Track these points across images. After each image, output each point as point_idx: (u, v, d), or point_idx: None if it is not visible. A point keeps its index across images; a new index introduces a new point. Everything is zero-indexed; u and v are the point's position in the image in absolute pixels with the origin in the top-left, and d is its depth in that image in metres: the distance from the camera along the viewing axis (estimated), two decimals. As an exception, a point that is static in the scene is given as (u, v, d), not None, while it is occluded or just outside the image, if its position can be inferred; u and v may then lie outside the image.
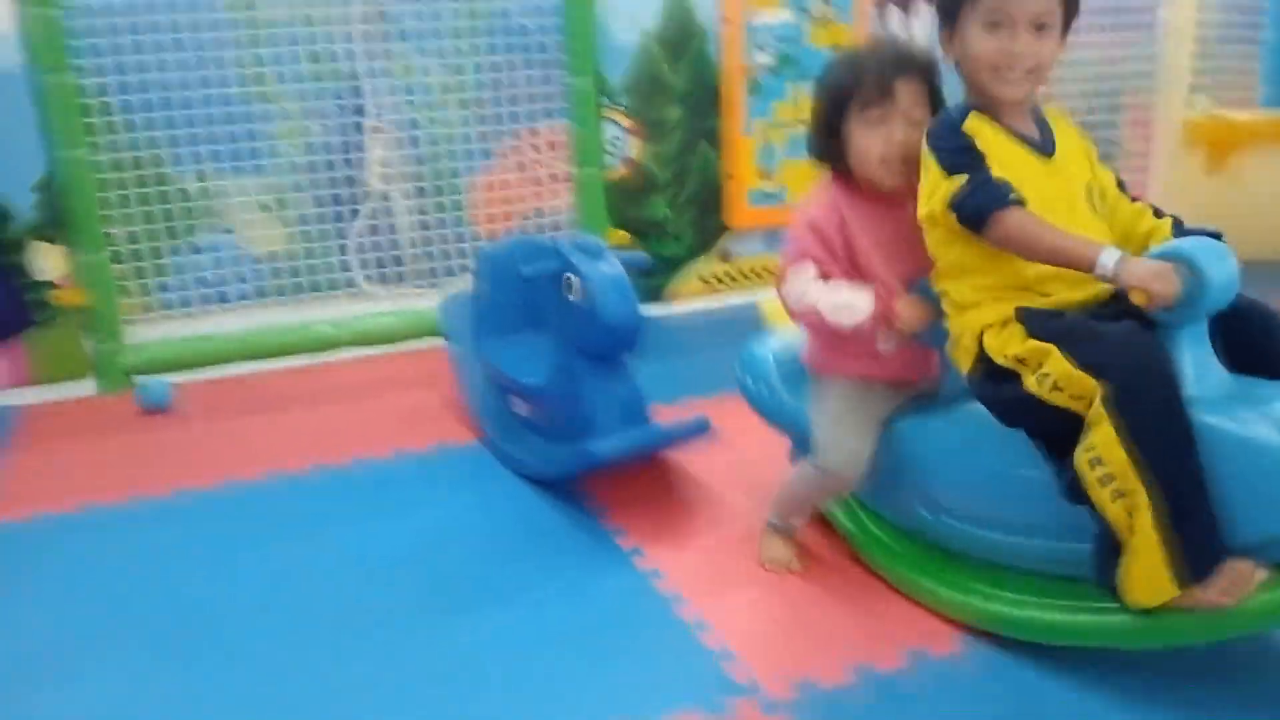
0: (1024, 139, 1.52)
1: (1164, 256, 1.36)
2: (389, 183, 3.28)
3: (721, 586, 1.78)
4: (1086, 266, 1.39)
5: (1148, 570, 1.35)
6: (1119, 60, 3.93)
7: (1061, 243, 1.42)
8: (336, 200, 3.24)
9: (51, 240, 2.73)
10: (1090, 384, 1.36)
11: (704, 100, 3.16)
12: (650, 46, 3.06)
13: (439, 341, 2.75)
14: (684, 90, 3.14)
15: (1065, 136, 1.57)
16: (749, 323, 1.97)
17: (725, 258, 3.33)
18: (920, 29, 3.30)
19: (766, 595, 1.74)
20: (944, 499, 1.69)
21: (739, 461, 2.19)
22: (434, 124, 3.29)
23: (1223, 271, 1.33)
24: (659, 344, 2.98)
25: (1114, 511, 1.36)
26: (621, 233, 3.14)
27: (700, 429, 2.06)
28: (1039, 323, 1.46)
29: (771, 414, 1.93)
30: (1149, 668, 1.49)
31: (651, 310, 3.15)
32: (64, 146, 2.66)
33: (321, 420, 2.59)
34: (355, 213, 3.25)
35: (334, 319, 2.98)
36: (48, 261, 2.75)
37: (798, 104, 3.23)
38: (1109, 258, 1.37)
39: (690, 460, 2.22)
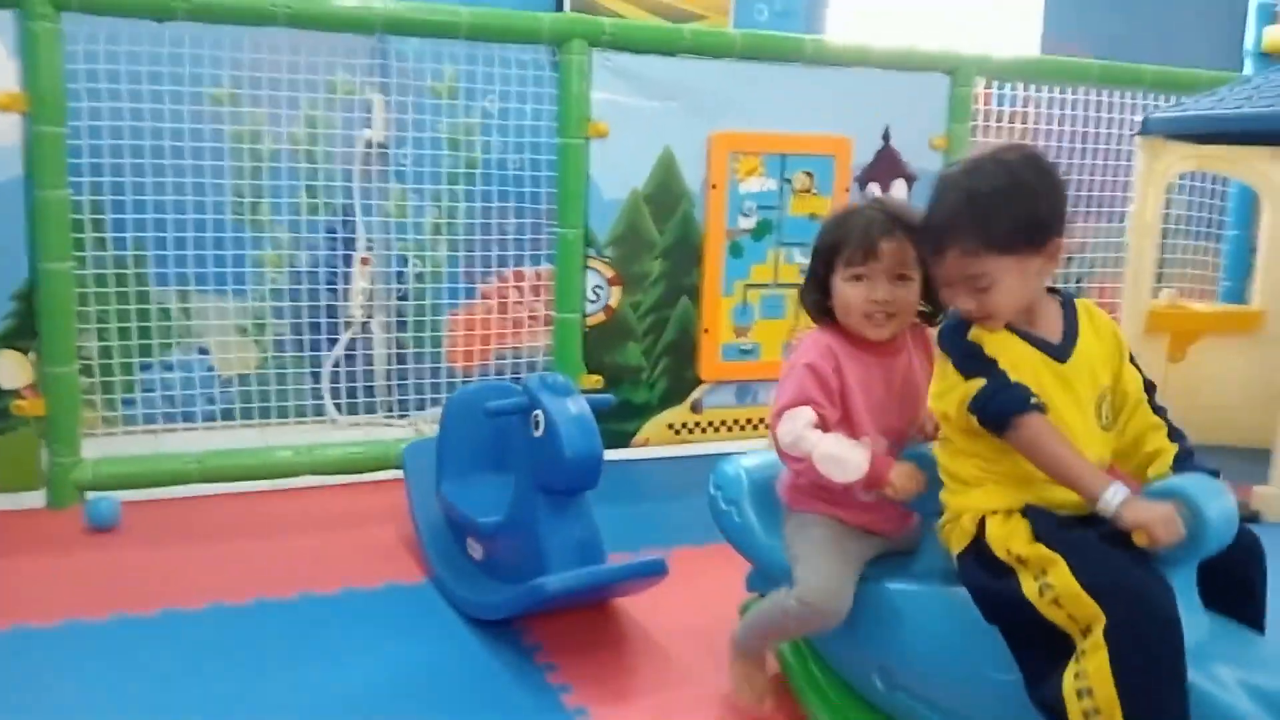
0: (1036, 342, 1.49)
1: (1164, 495, 1.35)
2: (370, 314, 3.32)
3: (665, 754, 1.71)
4: (1089, 498, 1.38)
5: None
6: (1090, 247, 4.08)
7: (1071, 466, 1.40)
8: (315, 328, 3.27)
9: (23, 350, 2.72)
10: (1092, 608, 1.32)
11: (686, 257, 3.24)
12: (638, 204, 3.16)
13: (401, 474, 2.72)
14: (667, 247, 3.22)
15: (1090, 337, 1.52)
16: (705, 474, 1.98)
17: (695, 408, 3.35)
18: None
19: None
20: (903, 676, 1.65)
21: (691, 616, 2.14)
22: (421, 261, 3.36)
23: (1222, 513, 1.33)
24: (623, 490, 2.98)
25: None
26: (595, 377, 3.16)
27: (655, 570, 2.02)
28: (1048, 529, 1.42)
29: (738, 537, 1.89)
30: None
31: (619, 455, 3.16)
32: (48, 259, 2.68)
33: (272, 550, 2.53)
34: (332, 341, 3.27)
35: (295, 445, 2.95)
36: (14, 370, 2.73)
37: (776, 267, 3.32)
38: (1113, 497, 1.35)
39: (644, 612, 2.18)
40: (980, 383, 1.44)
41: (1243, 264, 4.12)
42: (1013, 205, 1.43)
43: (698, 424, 3.37)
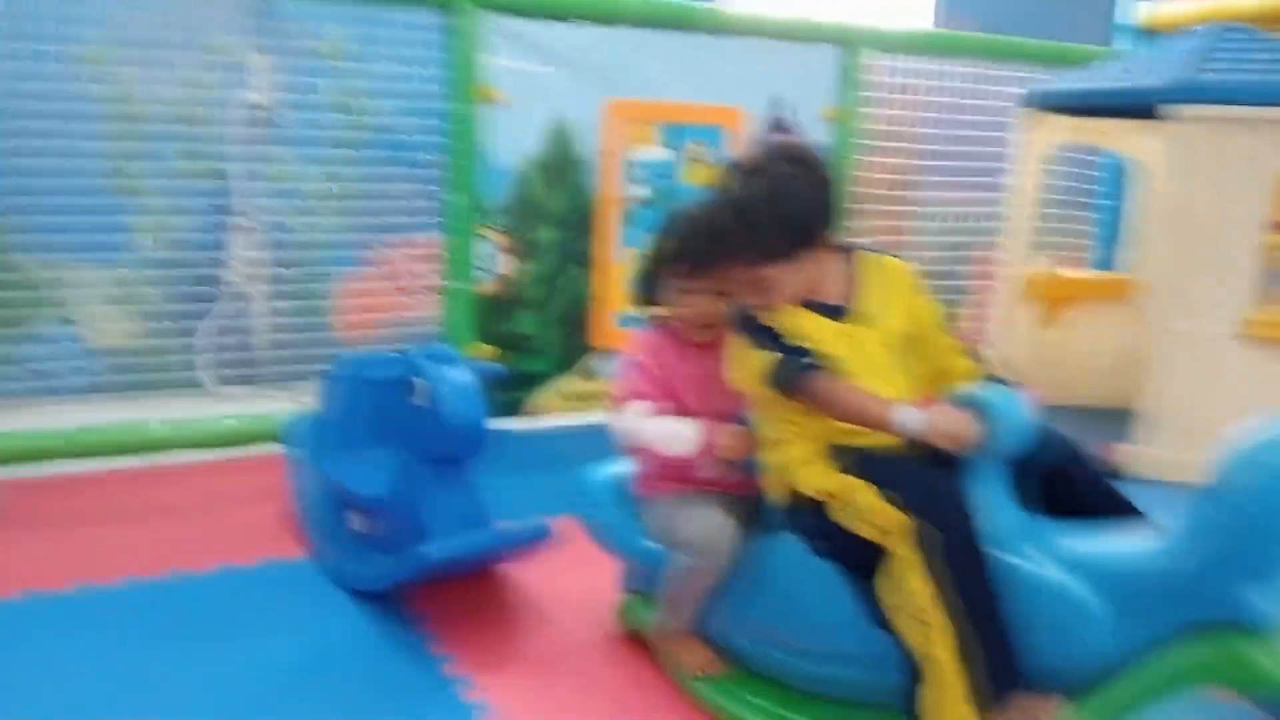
0: (820, 308, 1.64)
1: (961, 403, 1.47)
2: (251, 282, 3.22)
3: (550, 717, 1.72)
4: (886, 426, 1.51)
5: (947, 699, 1.41)
6: (968, 216, 4.20)
7: (862, 406, 1.54)
8: (191, 297, 3.16)
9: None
10: (895, 517, 1.44)
11: (579, 225, 3.22)
12: (530, 171, 3.12)
13: (281, 448, 2.65)
14: (560, 215, 3.20)
15: (877, 288, 1.66)
16: (607, 441, 1.99)
17: (588, 376, 3.35)
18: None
19: (591, 730, 1.70)
20: (762, 628, 1.73)
21: (579, 585, 2.15)
22: (305, 227, 3.27)
23: (1016, 415, 1.44)
24: (517, 459, 2.96)
25: (915, 639, 1.43)
26: (488, 346, 3.13)
27: (538, 535, 2.03)
28: (849, 460, 1.56)
29: (610, 539, 1.95)
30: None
31: (513, 425, 3.15)
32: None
33: (145, 528, 2.45)
34: (209, 310, 3.16)
35: (170, 419, 2.85)
36: None
37: (668, 235, 3.33)
38: (905, 416, 1.49)
39: (529, 579, 2.18)
40: (768, 356, 1.60)
41: (1114, 232, 4.29)
42: (781, 215, 1.57)
43: (591, 392, 3.37)
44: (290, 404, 2.94)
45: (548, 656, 1.93)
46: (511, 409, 3.17)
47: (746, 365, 1.66)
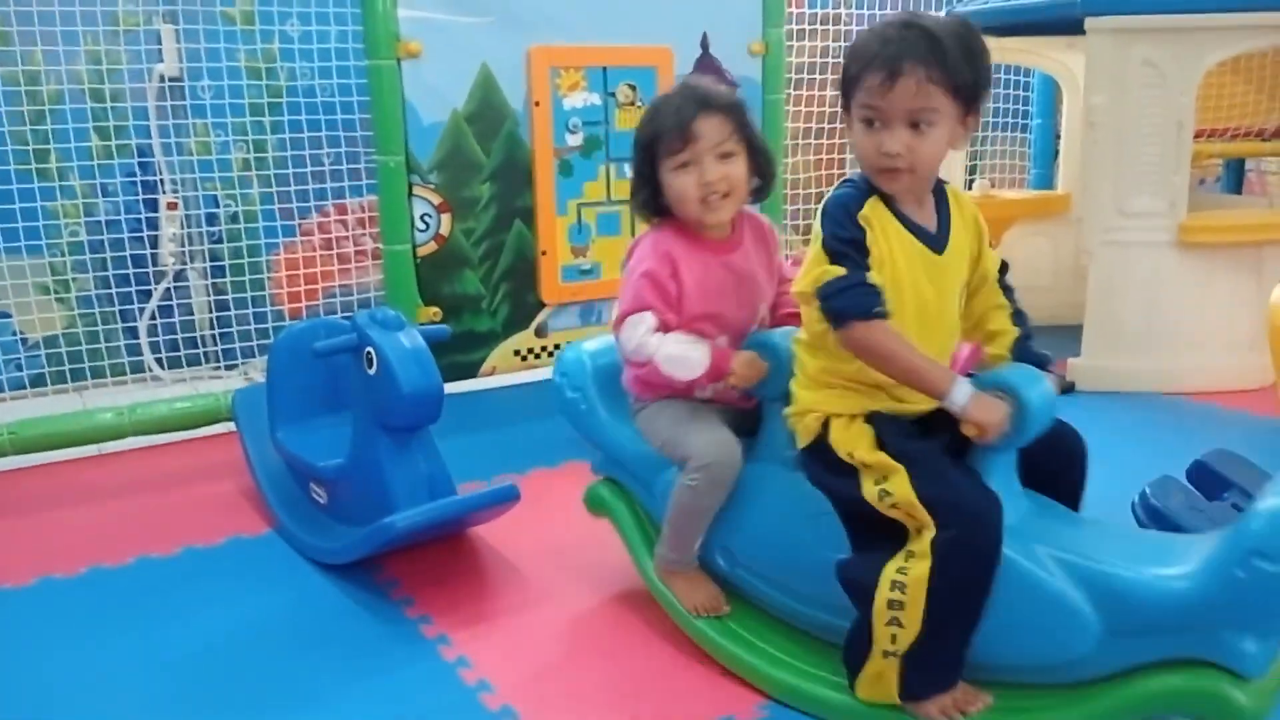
0: (919, 232, 1.47)
1: (989, 385, 1.42)
2: (184, 261, 3.13)
3: (529, 670, 1.72)
4: (937, 394, 1.41)
5: (878, 677, 1.44)
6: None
7: (916, 365, 1.42)
8: (125, 281, 3.07)
9: None
10: (925, 516, 1.38)
11: (516, 179, 3.17)
12: (459, 126, 3.05)
13: (234, 427, 2.60)
14: (495, 169, 3.14)
15: (960, 227, 1.52)
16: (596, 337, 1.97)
17: (540, 332, 3.33)
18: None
19: (575, 676, 1.70)
20: (744, 555, 1.73)
21: (549, 536, 2.16)
22: (234, 201, 3.19)
23: (1043, 405, 1.41)
24: (473, 420, 2.95)
25: (881, 630, 1.42)
26: (433, 308, 3.08)
27: (506, 497, 2.01)
28: (892, 438, 1.46)
29: (584, 423, 1.92)
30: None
31: (465, 386, 3.12)
32: None
33: (102, 517, 2.39)
34: (146, 293, 3.08)
35: (117, 406, 2.77)
36: None
37: (608, 184, 3.29)
38: (961, 393, 1.39)
39: (500, 537, 2.17)
40: (838, 271, 1.42)
41: (1048, 151, 4.35)
42: (967, 53, 1.40)
43: (544, 348, 3.35)
44: (239, 381, 2.88)
45: (523, 610, 1.93)
46: (464, 370, 3.14)
47: (813, 266, 1.46)
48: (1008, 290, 1.60)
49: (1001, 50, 3.72)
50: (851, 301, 1.42)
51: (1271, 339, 2.50)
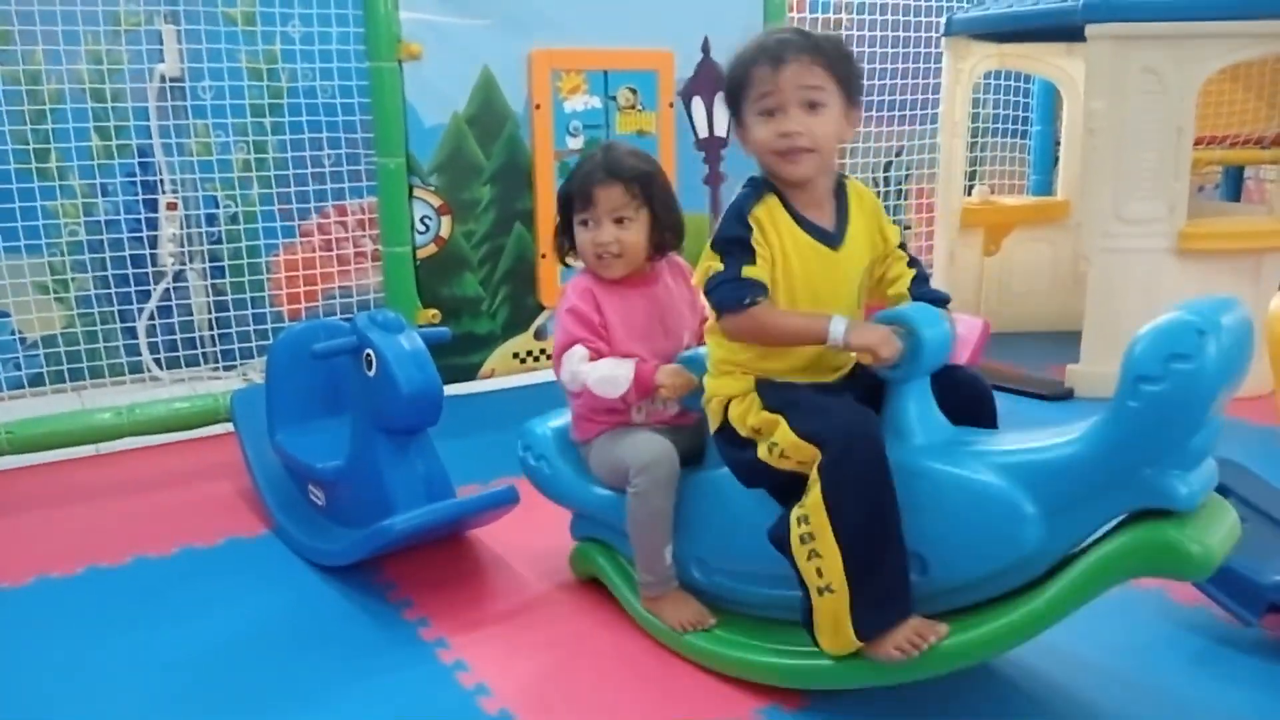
0: (813, 229, 1.58)
1: (886, 320, 1.51)
2: (184, 261, 3.13)
3: (526, 673, 1.72)
4: (820, 339, 1.51)
5: (833, 623, 1.47)
6: (905, 149, 4.23)
7: (795, 324, 1.54)
8: (124, 281, 3.07)
9: None
10: (812, 451, 1.46)
11: (516, 181, 3.17)
12: (460, 128, 3.06)
13: (233, 428, 2.60)
14: (495, 171, 3.14)
15: (857, 216, 1.63)
16: (562, 399, 1.99)
17: (539, 336, 3.33)
18: (722, 118, 3.44)
19: (570, 681, 1.70)
20: (716, 560, 1.77)
21: (548, 539, 2.15)
22: (234, 201, 3.18)
23: (937, 334, 1.48)
24: (473, 422, 2.95)
25: (806, 568, 1.47)
26: (432, 311, 3.08)
27: (505, 499, 2.01)
28: (772, 394, 1.57)
29: (552, 488, 1.98)
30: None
31: (465, 388, 3.12)
32: None
33: (100, 517, 2.39)
34: (145, 293, 3.08)
35: (115, 406, 2.77)
36: None
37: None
38: (838, 327, 1.49)
39: (498, 539, 2.17)
40: (719, 267, 1.55)
41: (1048, 157, 4.36)
42: (840, 52, 1.55)
43: (543, 351, 3.35)
44: (238, 382, 2.88)
45: (521, 612, 1.93)
46: (463, 373, 3.14)
47: (700, 268, 1.61)
48: (902, 247, 1.71)
49: (1002, 56, 3.73)
50: (727, 294, 1.53)
51: (1270, 347, 2.50)
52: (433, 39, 2.93)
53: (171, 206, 3.10)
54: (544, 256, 3.24)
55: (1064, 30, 3.16)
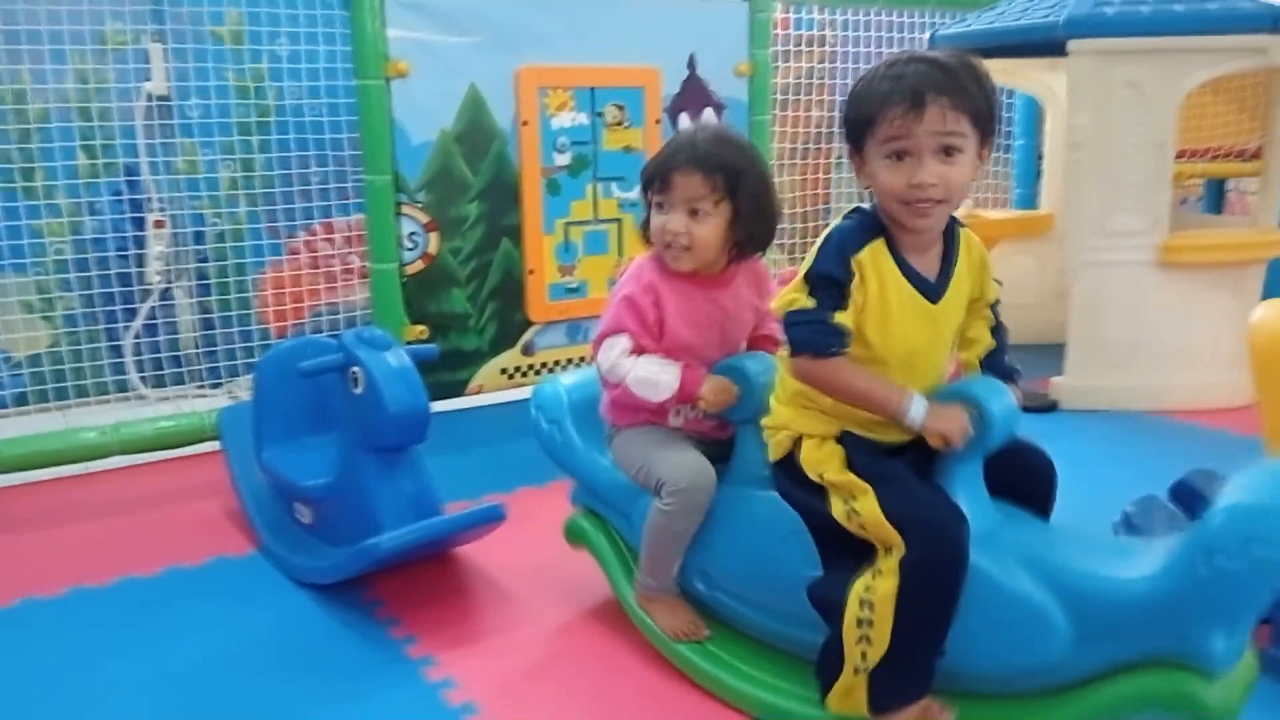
0: (917, 281, 1.47)
1: (953, 397, 1.45)
2: (171, 280, 3.13)
3: (514, 691, 1.72)
4: (894, 414, 1.44)
5: (847, 689, 1.45)
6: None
7: (872, 390, 1.45)
8: (110, 299, 3.06)
9: None
10: (893, 536, 1.40)
11: (503, 198, 3.18)
12: (448, 145, 3.07)
13: (219, 446, 2.59)
14: (483, 188, 3.15)
15: (963, 272, 1.53)
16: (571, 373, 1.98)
17: (528, 351, 3.33)
18: (708, 132, 3.46)
19: (561, 697, 1.70)
20: (722, 577, 1.74)
21: (536, 556, 2.15)
22: (221, 219, 3.18)
23: (1004, 414, 1.44)
24: (460, 439, 2.95)
25: (852, 647, 1.43)
26: (420, 327, 3.08)
27: (492, 517, 2.00)
28: (861, 458, 1.48)
29: (561, 454, 1.94)
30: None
31: (452, 404, 3.12)
32: None
33: (85, 537, 2.38)
34: (131, 312, 3.07)
35: (101, 425, 2.76)
36: None
37: (595, 203, 3.31)
38: (917, 408, 1.42)
39: (485, 556, 2.17)
40: (809, 303, 1.44)
41: (1031, 171, 4.39)
42: (977, 82, 1.41)
43: (531, 366, 3.35)
44: (224, 401, 2.87)
45: (509, 630, 1.92)
46: (451, 389, 3.14)
47: (790, 290, 1.48)
48: (993, 304, 1.63)
49: (985, 72, 3.75)
50: (810, 336, 1.45)
51: (1253, 358, 2.52)
52: (420, 57, 2.95)
53: (159, 224, 3.09)
54: (531, 272, 3.25)
55: (1046, 45, 3.19)
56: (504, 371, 3.31)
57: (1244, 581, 1.23)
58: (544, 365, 3.36)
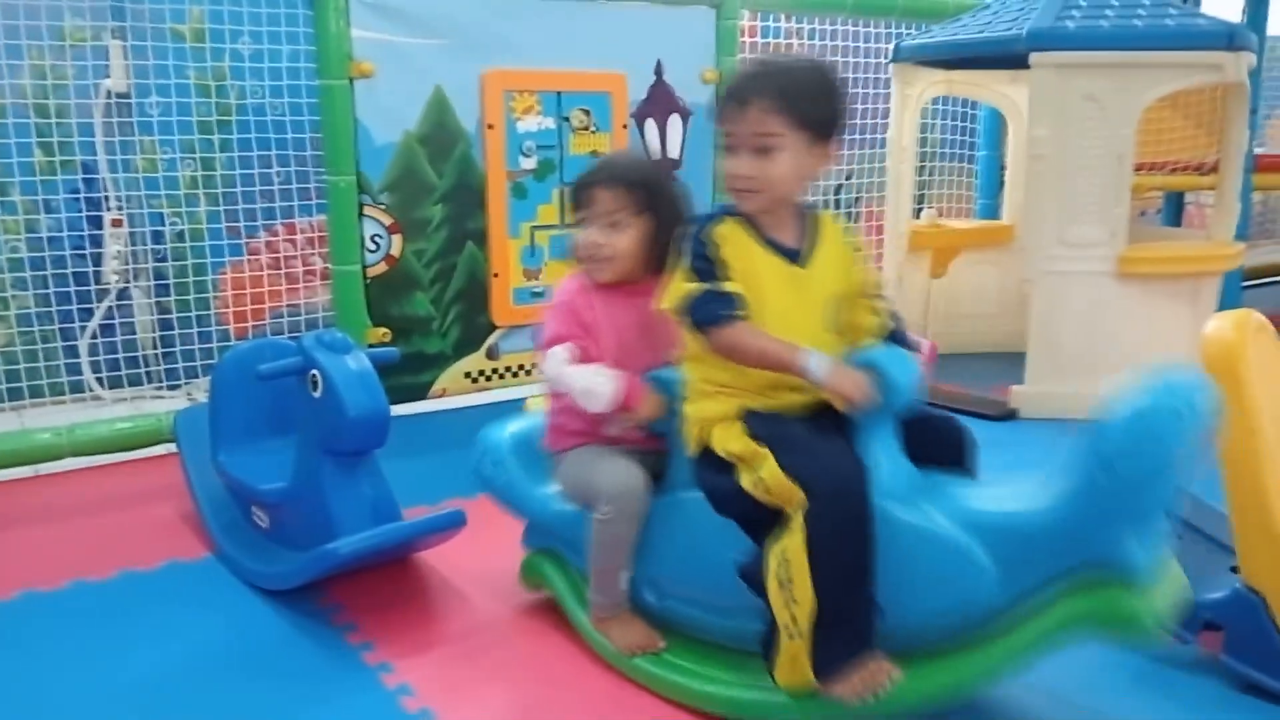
0: (777, 247, 1.60)
1: (858, 364, 1.52)
2: (128, 279, 3.08)
3: (471, 698, 1.71)
4: (795, 370, 1.52)
5: (791, 661, 1.49)
6: (855, 172, 4.29)
7: (774, 349, 1.54)
8: (66, 299, 3.01)
9: None
10: (795, 492, 1.46)
11: (468, 201, 3.17)
12: (412, 147, 3.05)
13: (176, 449, 2.55)
14: (447, 190, 3.14)
15: (828, 245, 1.65)
16: (515, 419, 1.99)
17: (492, 354, 3.32)
18: (675, 139, 3.47)
19: (519, 704, 1.69)
20: (670, 584, 1.76)
21: (495, 562, 2.13)
22: (181, 219, 3.14)
23: (906, 377, 1.50)
24: (423, 443, 2.92)
25: (781, 610, 1.47)
26: (382, 330, 3.06)
27: (452, 523, 1.99)
28: (759, 424, 1.56)
29: (507, 494, 1.97)
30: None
31: (415, 408, 3.10)
32: None
33: (36, 539, 2.34)
34: (88, 311, 3.02)
35: (55, 426, 2.71)
36: None
37: (561, 208, 3.30)
38: (817, 363, 1.50)
39: (445, 562, 2.15)
40: (695, 286, 1.56)
41: (994, 182, 4.44)
42: (817, 89, 1.57)
43: (495, 370, 3.34)
44: (182, 402, 2.84)
45: (467, 636, 1.91)
46: (414, 392, 3.12)
47: (676, 286, 1.61)
48: (882, 299, 1.72)
49: (949, 83, 3.80)
50: (707, 308, 1.55)
51: (1205, 370, 2.56)
52: (385, 58, 2.93)
53: (117, 223, 3.05)
54: (496, 275, 3.24)
55: (1009, 58, 3.22)
56: (468, 375, 3.29)
57: (1142, 482, 1.30)
58: (509, 369, 3.35)
